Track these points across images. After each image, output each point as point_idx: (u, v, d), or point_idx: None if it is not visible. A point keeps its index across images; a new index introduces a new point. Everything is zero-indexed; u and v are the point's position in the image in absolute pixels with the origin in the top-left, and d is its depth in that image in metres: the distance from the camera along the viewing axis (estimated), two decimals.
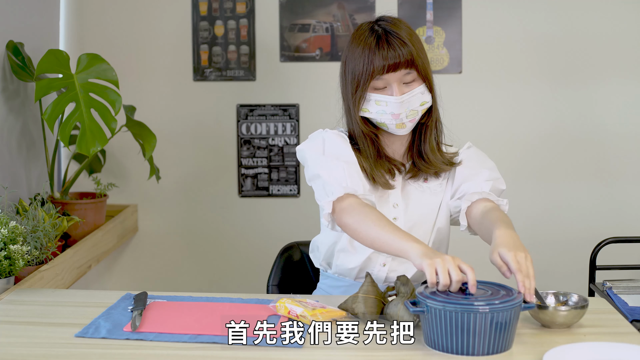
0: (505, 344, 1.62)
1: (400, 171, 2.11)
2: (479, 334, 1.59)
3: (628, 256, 3.20)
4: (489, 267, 1.70)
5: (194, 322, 1.80)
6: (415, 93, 2.00)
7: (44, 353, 1.64)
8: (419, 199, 2.11)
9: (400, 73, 1.98)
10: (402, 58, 1.96)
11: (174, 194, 3.48)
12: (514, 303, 1.63)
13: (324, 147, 2.06)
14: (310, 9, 3.38)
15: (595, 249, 2.74)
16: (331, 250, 2.15)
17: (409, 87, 2.00)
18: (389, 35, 1.98)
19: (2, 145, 2.62)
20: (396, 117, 2.00)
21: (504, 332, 1.61)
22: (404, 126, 2.03)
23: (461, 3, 3.36)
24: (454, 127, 2.22)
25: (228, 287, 3.47)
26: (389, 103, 1.99)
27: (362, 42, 2.00)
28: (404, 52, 1.97)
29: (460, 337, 1.59)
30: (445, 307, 1.59)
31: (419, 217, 2.10)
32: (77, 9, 3.36)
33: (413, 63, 1.98)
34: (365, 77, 1.98)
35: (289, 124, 3.43)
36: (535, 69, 3.39)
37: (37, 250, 2.33)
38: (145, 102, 3.40)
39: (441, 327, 1.61)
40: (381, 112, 2.01)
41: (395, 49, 1.97)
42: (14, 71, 2.63)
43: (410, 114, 2.01)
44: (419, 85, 2.01)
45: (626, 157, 3.41)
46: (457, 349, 1.60)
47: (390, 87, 1.99)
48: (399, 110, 1.99)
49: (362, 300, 1.82)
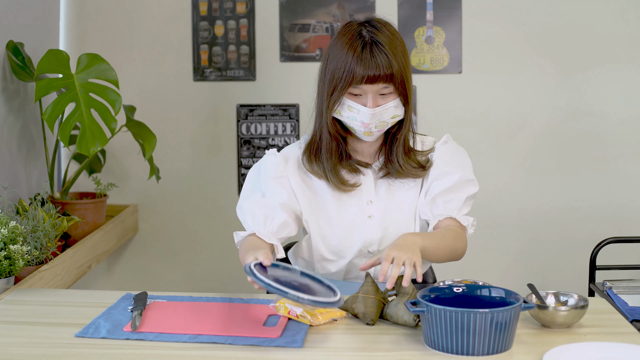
0: (505, 344, 1.62)
1: (367, 168, 2.12)
2: (479, 334, 1.59)
3: (628, 256, 3.20)
4: (489, 268, 1.72)
5: (194, 322, 1.80)
6: (389, 107, 2.01)
7: (43, 353, 1.64)
8: (394, 196, 2.12)
9: (378, 86, 1.98)
10: (382, 72, 1.97)
11: (174, 194, 3.49)
12: (514, 304, 1.63)
13: (258, 178, 2.14)
14: (310, 9, 3.38)
15: (595, 249, 2.74)
16: (310, 261, 2.18)
17: (384, 99, 2.01)
18: (374, 45, 1.98)
19: (2, 145, 2.62)
20: (365, 126, 2.02)
21: (503, 332, 1.61)
22: (371, 134, 2.05)
23: (461, 3, 3.36)
24: (454, 127, 2.22)
25: (228, 287, 3.47)
26: (360, 112, 2.00)
27: (348, 44, 2.00)
28: (385, 66, 1.96)
29: (461, 337, 1.59)
30: (445, 308, 1.59)
31: (394, 215, 2.10)
32: (77, 9, 3.36)
33: (392, 78, 1.98)
34: (343, 83, 1.99)
35: (289, 124, 3.43)
36: (536, 69, 3.39)
37: (37, 250, 2.33)
38: (145, 102, 3.40)
39: (441, 327, 1.61)
40: (352, 118, 2.02)
41: (377, 61, 1.96)
42: (14, 71, 2.63)
43: (380, 124, 2.03)
44: (394, 100, 2.01)
45: (626, 157, 3.41)
46: (457, 349, 1.60)
47: (366, 96, 2.00)
48: (369, 120, 2.00)
49: (362, 300, 1.82)
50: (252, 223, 2.05)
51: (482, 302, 1.72)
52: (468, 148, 2.25)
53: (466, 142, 2.38)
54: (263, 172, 2.14)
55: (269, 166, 2.13)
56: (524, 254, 3.46)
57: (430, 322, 1.63)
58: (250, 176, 2.17)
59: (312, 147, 2.12)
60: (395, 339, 1.71)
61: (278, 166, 2.12)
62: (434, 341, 1.64)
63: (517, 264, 3.46)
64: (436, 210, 2.08)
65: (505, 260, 3.46)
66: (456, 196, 2.08)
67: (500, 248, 3.45)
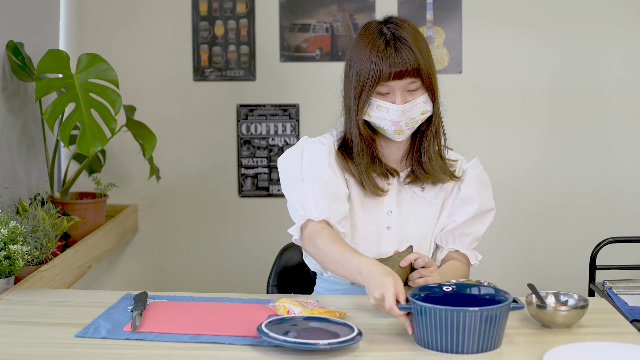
0: (495, 342, 1.64)
1: (394, 176, 2.10)
2: (469, 333, 1.60)
3: (628, 256, 3.20)
4: (489, 268, 1.73)
5: (194, 322, 1.80)
6: (418, 102, 1.99)
7: (43, 353, 1.64)
8: (415, 209, 2.10)
9: (406, 81, 1.96)
10: (409, 66, 1.95)
11: (174, 194, 3.48)
12: (503, 303, 1.64)
13: (301, 164, 2.05)
14: (310, 9, 3.38)
15: (595, 249, 2.74)
16: None
17: (412, 95, 1.99)
18: (397, 40, 1.96)
19: (2, 145, 2.62)
20: (396, 124, 1.99)
21: (493, 330, 1.62)
22: (402, 133, 2.02)
23: (461, 3, 3.36)
24: (453, 127, 2.22)
25: (228, 287, 3.47)
26: (390, 110, 1.97)
27: (370, 44, 1.98)
28: (411, 61, 1.95)
29: (450, 335, 1.61)
30: (434, 306, 1.60)
31: (413, 229, 2.09)
32: (77, 9, 3.36)
33: (419, 72, 1.96)
34: (370, 83, 1.96)
35: (289, 124, 3.43)
36: (535, 69, 3.39)
37: (37, 250, 2.33)
38: (145, 102, 3.40)
39: (431, 325, 1.62)
40: (381, 117, 2.00)
41: (403, 56, 1.94)
42: (14, 71, 2.63)
43: (410, 122, 2.01)
44: (422, 95, 1.99)
45: (627, 157, 3.41)
46: (446, 347, 1.62)
47: (394, 93, 1.97)
48: (399, 118, 1.98)
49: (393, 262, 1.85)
50: (316, 209, 1.98)
51: (471, 300, 1.72)
52: (468, 148, 2.25)
53: (466, 143, 2.39)
54: (312, 156, 2.04)
55: (317, 150, 2.05)
56: (524, 254, 3.46)
57: (419, 320, 1.64)
58: (290, 167, 2.06)
59: (345, 148, 2.09)
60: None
61: (329, 155, 2.05)
62: (423, 340, 1.65)
63: (517, 264, 3.46)
64: (451, 243, 2.10)
65: (505, 260, 3.46)
66: (474, 231, 2.11)
67: (500, 248, 3.45)
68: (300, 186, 2.02)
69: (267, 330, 1.64)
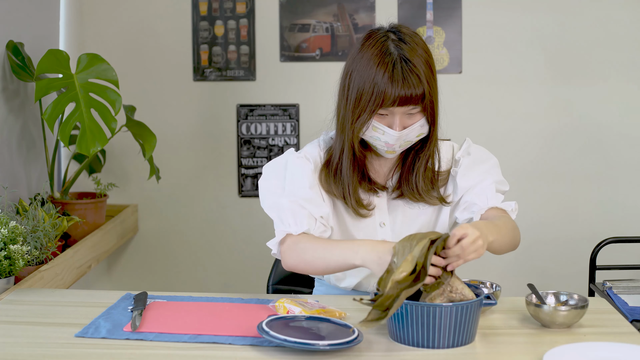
0: (467, 337, 1.66)
1: (382, 191, 2.02)
2: (442, 328, 1.63)
3: (628, 256, 3.20)
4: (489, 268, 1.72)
5: (194, 322, 1.80)
6: (415, 127, 1.90)
7: (44, 353, 1.64)
8: (409, 214, 2.03)
9: (408, 108, 1.87)
10: (414, 93, 1.85)
11: (174, 194, 3.49)
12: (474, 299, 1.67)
13: (283, 178, 2.00)
14: (310, 9, 3.38)
15: (595, 249, 2.74)
16: None
17: (411, 119, 1.89)
18: (404, 64, 1.85)
19: (2, 145, 2.62)
20: (389, 146, 1.92)
21: (465, 325, 1.65)
22: (394, 152, 1.94)
23: (461, 3, 3.36)
24: (454, 127, 2.22)
25: (228, 287, 3.47)
26: (386, 133, 1.89)
27: (375, 62, 1.86)
28: (417, 88, 1.85)
29: (423, 330, 1.63)
30: (408, 302, 1.63)
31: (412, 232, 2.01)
32: (77, 9, 3.36)
33: (423, 100, 1.87)
34: (372, 106, 1.86)
35: (289, 124, 3.43)
36: (535, 69, 3.39)
37: (37, 250, 2.33)
38: (145, 102, 3.40)
39: (405, 320, 1.64)
40: (376, 137, 1.91)
41: (409, 83, 1.84)
42: (14, 71, 2.63)
43: (404, 144, 1.93)
44: (421, 119, 1.90)
45: (626, 157, 3.41)
46: (420, 342, 1.64)
47: (393, 117, 1.88)
48: (394, 142, 1.90)
49: None
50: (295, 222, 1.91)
51: None
52: None
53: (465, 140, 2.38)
54: (297, 176, 1.98)
55: (302, 172, 1.98)
56: (524, 254, 3.46)
57: (393, 315, 1.66)
58: (275, 174, 2.03)
59: (331, 166, 1.99)
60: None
61: (313, 173, 1.98)
62: (397, 335, 1.67)
63: (517, 264, 3.46)
64: (475, 207, 1.97)
65: (505, 260, 3.46)
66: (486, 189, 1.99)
67: None
68: (279, 201, 1.96)
69: (267, 328, 1.64)
